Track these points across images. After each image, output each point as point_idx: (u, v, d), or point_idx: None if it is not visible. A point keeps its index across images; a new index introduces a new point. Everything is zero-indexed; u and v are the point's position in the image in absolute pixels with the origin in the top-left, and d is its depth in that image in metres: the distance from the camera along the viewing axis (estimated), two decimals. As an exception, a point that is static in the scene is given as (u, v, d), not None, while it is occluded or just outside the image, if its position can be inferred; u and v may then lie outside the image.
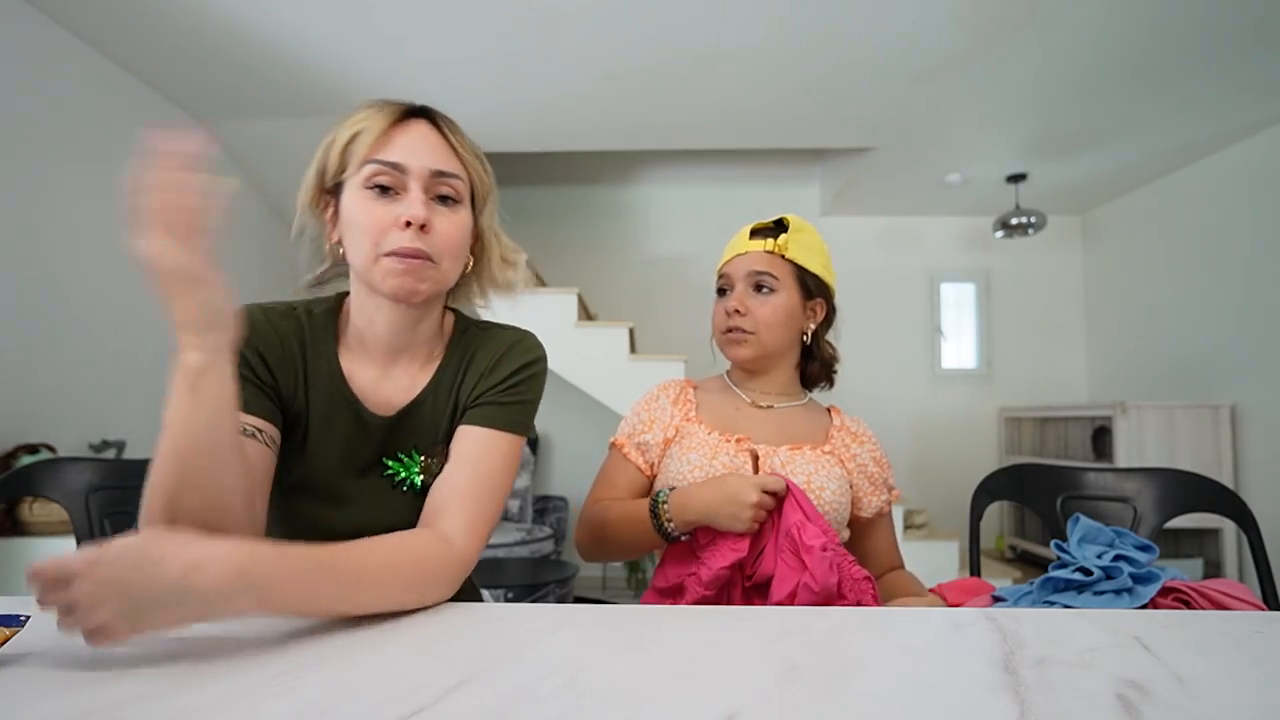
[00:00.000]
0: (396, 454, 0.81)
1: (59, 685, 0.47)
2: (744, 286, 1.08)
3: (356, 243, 0.74)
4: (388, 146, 0.74)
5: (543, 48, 2.56)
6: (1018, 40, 2.44)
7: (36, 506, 2.10)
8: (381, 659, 0.53)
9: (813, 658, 0.54)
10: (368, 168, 0.73)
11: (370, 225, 0.73)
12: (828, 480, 1.01)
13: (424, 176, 0.74)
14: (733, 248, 1.13)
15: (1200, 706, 0.45)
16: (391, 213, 0.73)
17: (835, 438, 1.09)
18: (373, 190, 0.73)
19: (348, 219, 0.75)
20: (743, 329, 1.07)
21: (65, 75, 2.43)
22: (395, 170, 0.73)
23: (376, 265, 0.73)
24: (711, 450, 1.03)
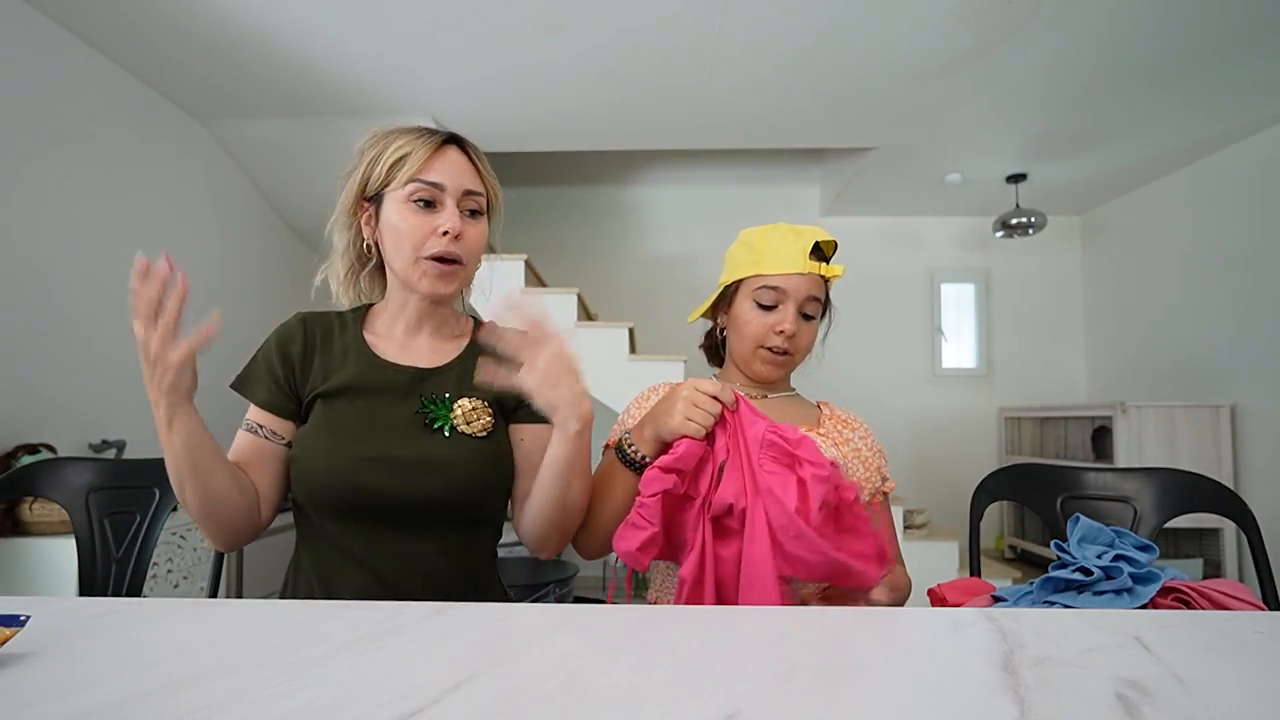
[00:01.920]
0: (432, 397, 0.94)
1: (59, 685, 0.47)
2: (797, 309, 1.05)
3: (399, 246, 0.91)
4: (429, 169, 0.91)
5: (543, 48, 2.56)
6: (1018, 40, 2.44)
7: (36, 506, 2.10)
8: (381, 659, 0.53)
9: (813, 658, 0.54)
10: (412, 185, 0.90)
11: (411, 232, 0.90)
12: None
13: (458, 194, 0.92)
14: (790, 261, 1.05)
15: (1200, 706, 0.45)
16: (431, 223, 0.90)
17: (828, 424, 1.09)
18: (416, 204, 0.90)
19: (391, 225, 0.91)
20: (788, 351, 1.06)
21: (65, 75, 2.43)
22: (436, 189, 0.90)
23: (416, 266, 0.91)
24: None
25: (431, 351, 0.98)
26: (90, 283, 2.50)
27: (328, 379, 0.94)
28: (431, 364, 0.97)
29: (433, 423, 0.92)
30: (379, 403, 0.92)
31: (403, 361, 0.96)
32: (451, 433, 0.92)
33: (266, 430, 0.92)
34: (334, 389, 0.93)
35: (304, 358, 0.95)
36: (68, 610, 0.63)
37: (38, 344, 2.30)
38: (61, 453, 2.30)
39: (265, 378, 0.93)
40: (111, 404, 2.53)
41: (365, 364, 0.95)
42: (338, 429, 0.90)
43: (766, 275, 1.06)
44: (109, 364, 2.51)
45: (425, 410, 0.93)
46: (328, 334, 0.97)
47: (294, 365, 0.94)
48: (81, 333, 2.45)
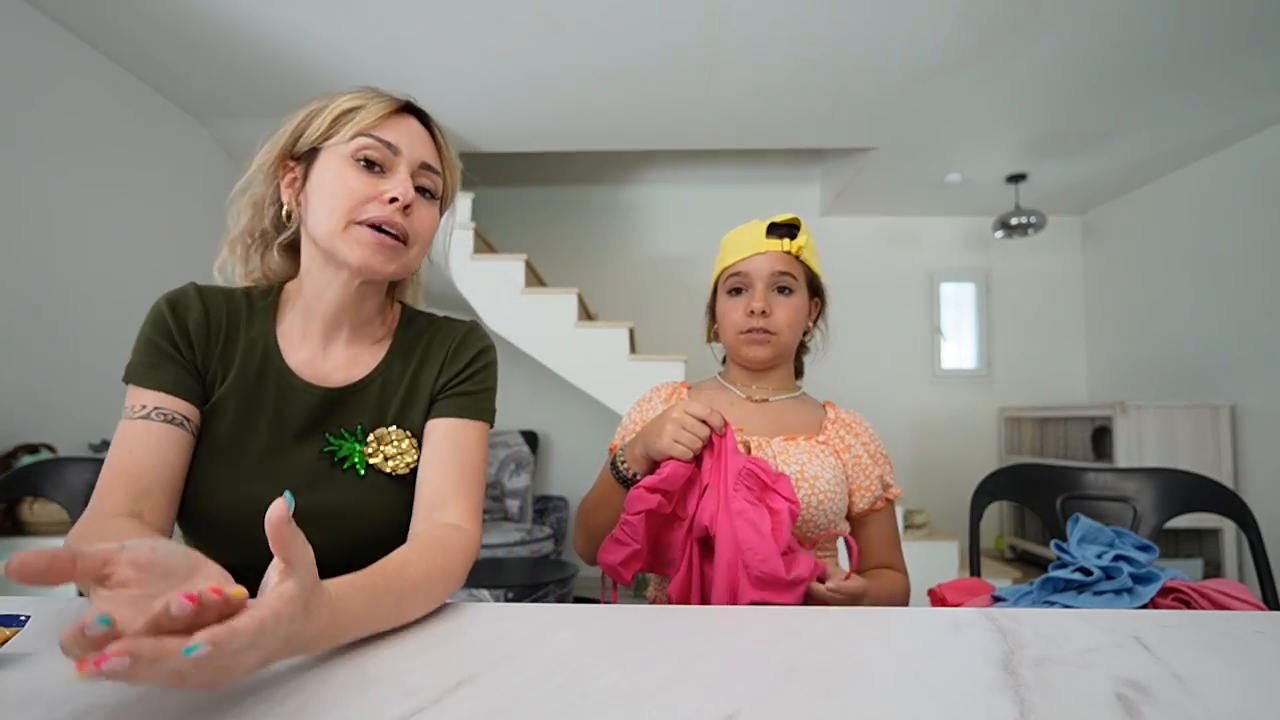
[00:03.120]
0: (340, 430, 0.78)
1: (59, 685, 0.47)
2: (765, 288, 1.06)
3: (327, 208, 0.74)
4: (383, 128, 0.75)
5: (543, 47, 2.56)
6: (1018, 40, 2.44)
7: (36, 506, 2.10)
8: (381, 659, 0.53)
9: (813, 658, 0.54)
10: (360, 140, 0.74)
11: (349, 193, 0.73)
12: (821, 470, 1.00)
13: (413, 164, 0.77)
14: (748, 244, 1.09)
15: (1200, 706, 0.45)
16: (375, 186, 0.74)
17: (830, 429, 1.08)
18: (359, 163, 0.74)
19: (321, 185, 0.75)
20: (766, 330, 1.06)
21: (65, 75, 2.43)
22: (388, 149, 0.75)
23: (346, 232, 0.73)
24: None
25: (348, 362, 0.81)
26: (90, 282, 2.50)
27: (223, 381, 0.76)
28: (347, 379, 0.80)
29: (342, 461, 0.77)
30: (284, 430, 0.76)
31: (312, 378, 0.79)
32: (367, 471, 0.77)
33: (192, 424, 0.74)
34: (231, 401, 0.76)
35: (205, 337, 0.76)
36: (68, 610, 0.63)
37: (38, 344, 2.30)
38: (61, 453, 2.31)
39: (171, 355, 0.74)
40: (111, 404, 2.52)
41: (273, 375, 0.78)
42: (231, 457, 0.74)
43: (731, 265, 1.10)
44: (109, 364, 2.50)
45: (332, 449, 0.77)
46: (233, 320, 0.79)
47: (192, 341, 0.75)
48: (81, 333, 2.45)
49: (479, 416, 0.82)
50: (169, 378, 0.73)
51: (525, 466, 3.75)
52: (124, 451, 0.70)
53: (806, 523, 0.98)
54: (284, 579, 0.45)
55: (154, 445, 0.70)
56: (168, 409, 0.72)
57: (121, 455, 0.69)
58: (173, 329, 0.75)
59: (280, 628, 0.43)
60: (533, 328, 3.20)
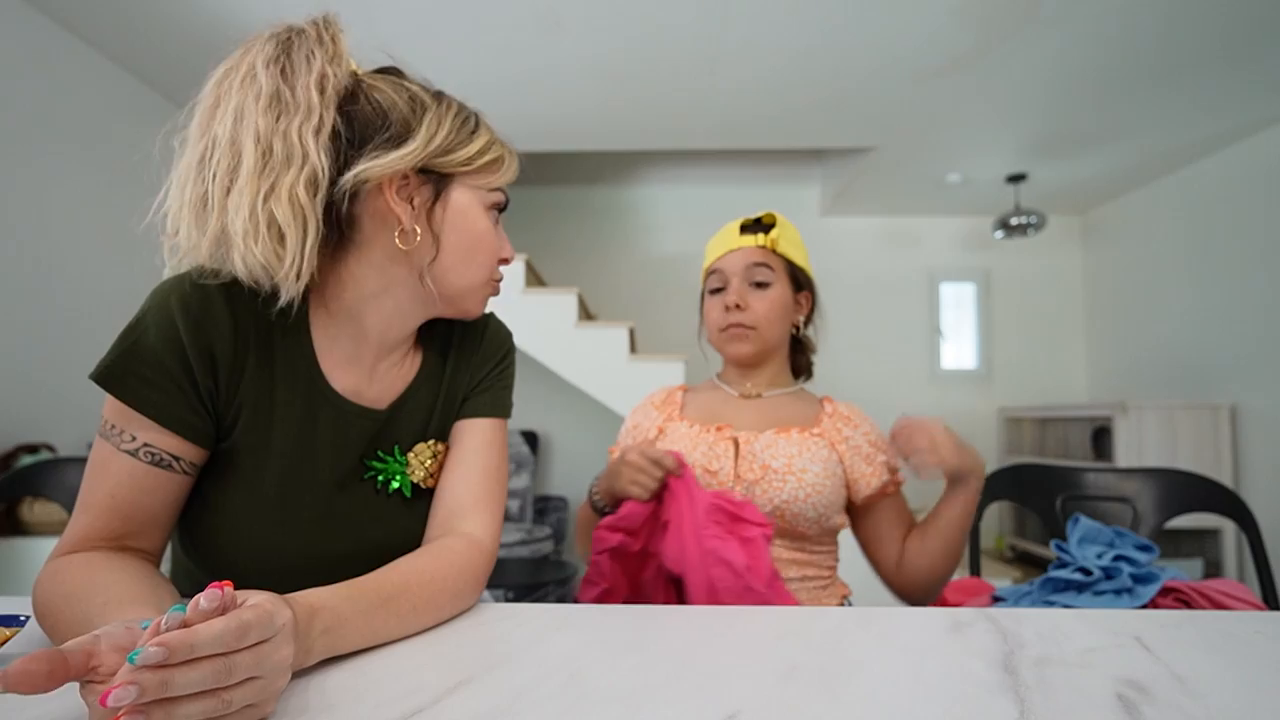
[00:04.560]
0: (377, 453, 0.72)
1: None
2: (740, 282, 1.08)
3: (476, 260, 0.72)
4: (505, 183, 0.76)
5: (543, 47, 2.56)
6: (1018, 40, 2.44)
7: (37, 506, 2.10)
8: (381, 659, 0.53)
9: (813, 658, 0.54)
10: (498, 195, 0.75)
11: (493, 251, 0.74)
12: (811, 462, 0.99)
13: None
14: (722, 243, 1.12)
15: (1200, 706, 0.45)
16: (500, 243, 0.75)
17: (827, 422, 1.07)
18: (493, 214, 0.74)
19: (467, 230, 0.71)
20: (743, 324, 1.06)
21: (65, 75, 2.43)
22: (502, 210, 0.76)
23: (485, 288, 0.75)
24: (693, 442, 1.05)
25: (393, 380, 0.74)
26: (90, 282, 2.50)
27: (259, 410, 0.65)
28: (393, 396, 0.73)
29: (386, 484, 0.72)
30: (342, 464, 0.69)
31: (366, 403, 0.71)
32: (413, 492, 0.73)
33: (185, 463, 0.63)
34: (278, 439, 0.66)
35: (231, 362, 0.64)
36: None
37: (38, 344, 2.30)
38: (61, 453, 2.31)
39: (178, 381, 0.61)
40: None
41: (323, 405, 0.68)
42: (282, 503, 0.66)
43: (709, 265, 1.13)
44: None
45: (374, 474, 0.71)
46: (264, 332, 0.66)
47: (216, 368, 0.63)
48: (81, 333, 2.45)
49: (502, 414, 0.80)
50: (172, 413, 0.61)
51: (525, 466, 3.75)
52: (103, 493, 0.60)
53: (796, 515, 0.98)
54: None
55: (141, 489, 0.61)
56: (158, 448, 0.61)
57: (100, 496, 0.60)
58: (189, 352, 0.61)
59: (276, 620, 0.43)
60: (533, 328, 3.20)
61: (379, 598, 0.56)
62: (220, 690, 0.38)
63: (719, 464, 1.02)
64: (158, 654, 0.35)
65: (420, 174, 0.67)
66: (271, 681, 0.42)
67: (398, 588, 0.58)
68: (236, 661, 0.39)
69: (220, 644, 0.38)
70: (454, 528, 0.71)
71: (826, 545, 1.05)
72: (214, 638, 0.38)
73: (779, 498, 0.98)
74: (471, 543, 0.69)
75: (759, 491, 0.99)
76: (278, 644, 0.42)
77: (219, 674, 0.38)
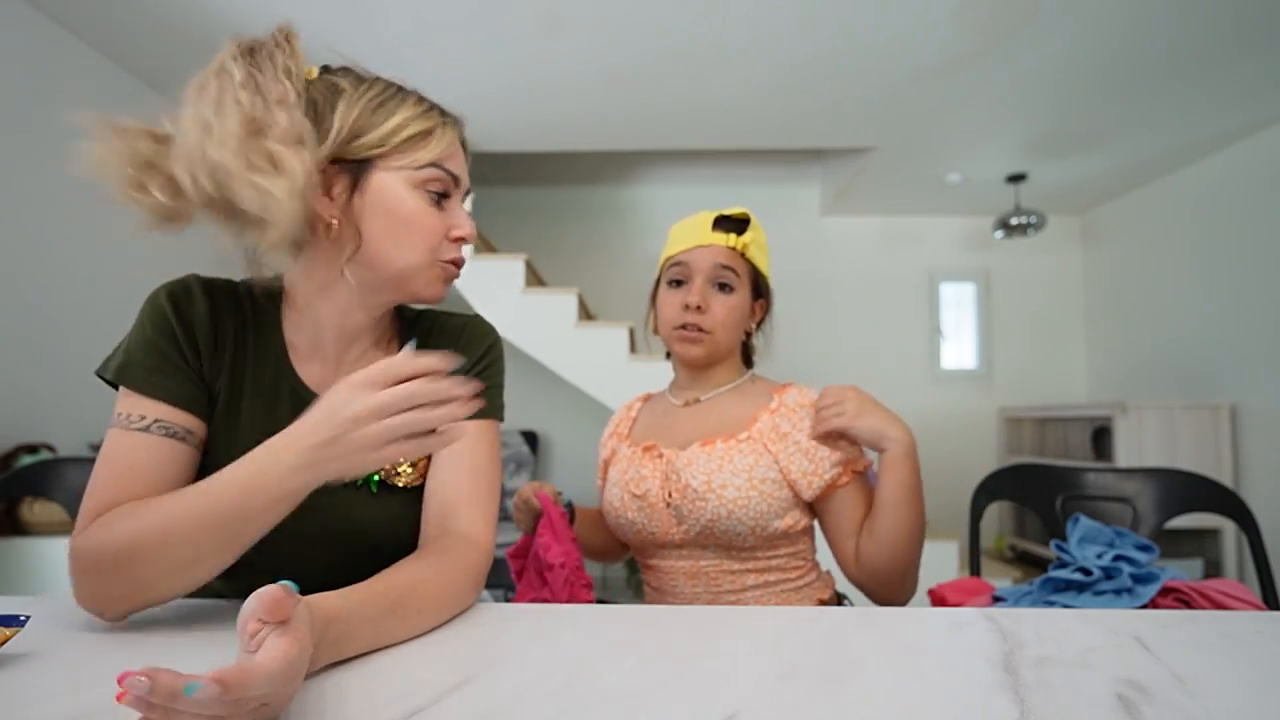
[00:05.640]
0: None
1: (59, 685, 0.47)
2: (704, 281, 1.02)
3: (408, 242, 0.70)
4: (452, 156, 0.73)
5: (543, 48, 2.56)
6: (1018, 40, 2.44)
7: (37, 506, 2.10)
8: (381, 659, 0.53)
9: (813, 658, 0.54)
10: (430, 170, 0.70)
11: (430, 230, 0.71)
12: (731, 476, 0.95)
13: (463, 191, 0.75)
14: (693, 236, 1.05)
15: (1200, 706, 0.45)
16: (445, 222, 0.72)
17: (764, 420, 1.00)
18: (429, 194, 0.71)
19: (391, 212, 0.69)
20: (700, 327, 1.02)
21: (65, 75, 2.43)
22: (453, 182, 0.73)
23: (429, 270, 0.72)
24: (626, 464, 1.05)
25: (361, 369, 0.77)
26: (90, 282, 2.50)
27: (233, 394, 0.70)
28: None
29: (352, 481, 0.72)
30: None
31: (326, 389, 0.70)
32: (379, 488, 0.73)
33: (195, 438, 0.67)
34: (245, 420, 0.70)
35: (212, 344, 0.70)
36: (68, 610, 0.63)
37: (38, 344, 2.30)
38: (61, 453, 2.31)
39: (176, 362, 0.67)
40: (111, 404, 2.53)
41: (288, 393, 0.72)
42: None
43: (673, 255, 1.07)
44: (109, 364, 2.51)
45: None
46: (241, 324, 0.72)
47: (199, 347, 0.69)
48: (81, 333, 2.45)
49: (489, 415, 0.78)
50: (174, 388, 0.66)
51: (525, 466, 3.75)
52: (122, 466, 0.62)
53: (727, 532, 0.94)
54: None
55: (157, 461, 0.64)
56: (170, 422, 0.65)
57: (119, 470, 0.62)
58: (177, 332, 0.68)
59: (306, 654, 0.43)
60: (533, 328, 3.20)
61: (387, 604, 0.56)
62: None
63: (645, 486, 1.00)
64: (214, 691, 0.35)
65: (335, 164, 0.68)
66: (275, 708, 0.41)
67: (404, 592, 0.58)
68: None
69: (269, 687, 0.38)
70: (449, 528, 0.71)
71: (783, 548, 0.99)
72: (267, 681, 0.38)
73: (704, 517, 0.94)
74: (469, 542, 0.69)
75: (685, 512, 0.96)
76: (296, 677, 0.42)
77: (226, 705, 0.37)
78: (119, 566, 0.56)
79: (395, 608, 0.56)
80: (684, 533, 0.97)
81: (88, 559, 0.56)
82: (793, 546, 1.00)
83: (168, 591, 0.58)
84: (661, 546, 1.01)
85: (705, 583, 0.98)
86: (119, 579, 0.56)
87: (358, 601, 0.54)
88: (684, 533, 0.97)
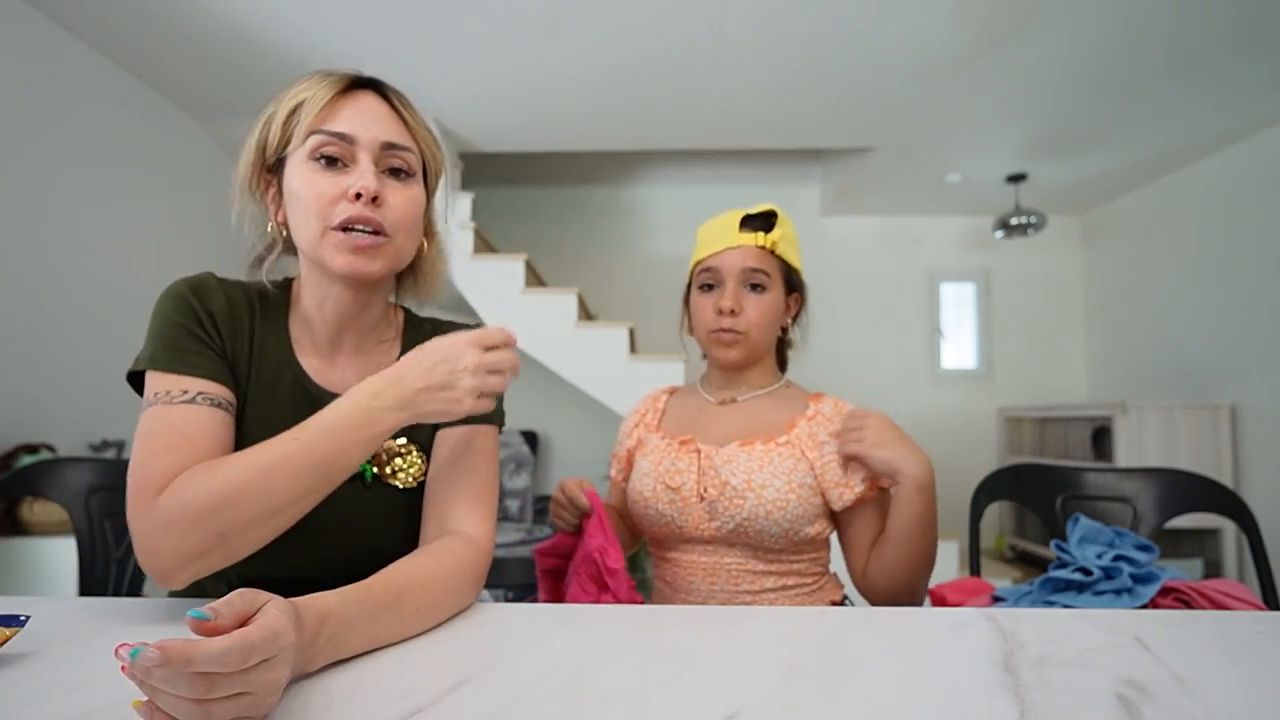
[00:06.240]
0: None
1: (59, 685, 0.47)
2: (736, 284, 1.03)
3: (302, 218, 0.69)
4: (334, 117, 0.69)
5: (542, 48, 2.56)
6: (1018, 40, 2.44)
7: (37, 506, 2.10)
8: (381, 659, 0.53)
9: (813, 658, 0.54)
10: (312, 139, 0.69)
11: (316, 198, 0.68)
12: (772, 477, 0.96)
13: (374, 148, 0.70)
14: (720, 239, 1.05)
15: (1200, 706, 0.45)
16: (339, 184, 0.68)
17: (802, 426, 1.01)
18: (318, 162, 0.69)
19: (292, 194, 0.70)
20: (735, 330, 1.02)
21: (66, 76, 2.43)
22: (342, 141, 0.69)
23: (324, 240, 0.68)
24: (660, 455, 1.04)
25: (358, 370, 0.77)
26: (90, 282, 2.50)
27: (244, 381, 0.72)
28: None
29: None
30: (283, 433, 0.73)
31: (327, 385, 0.75)
32: (373, 481, 0.74)
33: (233, 409, 0.69)
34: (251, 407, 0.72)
35: (231, 330, 0.72)
36: (68, 610, 0.63)
37: (38, 344, 2.30)
38: (61, 453, 2.31)
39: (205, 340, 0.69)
40: (111, 404, 2.53)
41: (289, 380, 0.74)
42: None
43: (703, 259, 1.07)
44: (109, 364, 2.51)
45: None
46: (252, 316, 0.75)
47: (220, 330, 0.71)
48: (81, 333, 2.45)
49: (490, 420, 0.79)
50: (207, 365, 0.67)
51: (525, 466, 3.75)
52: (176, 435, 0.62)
53: (760, 532, 0.95)
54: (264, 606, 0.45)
55: (210, 428, 0.64)
56: (212, 394, 0.66)
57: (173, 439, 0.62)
58: (201, 315, 0.70)
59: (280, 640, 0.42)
60: (533, 328, 3.20)
61: (384, 601, 0.56)
62: (202, 701, 0.38)
63: (681, 479, 1.00)
64: (154, 658, 0.36)
65: (268, 172, 0.73)
66: (261, 699, 0.41)
67: (401, 590, 0.58)
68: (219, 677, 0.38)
69: (219, 664, 0.38)
70: (449, 528, 0.71)
71: (805, 554, 1.00)
72: (213, 657, 0.38)
73: (739, 515, 0.95)
74: (468, 541, 0.69)
75: (720, 508, 0.96)
76: (275, 664, 0.42)
77: (195, 687, 0.37)
78: (210, 517, 0.58)
79: (393, 605, 0.57)
80: (715, 529, 0.98)
81: (174, 514, 0.58)
82: (815, 553, 1.02)
83: (250, 542, 0.60)
84: (687, 541, 1.01)
85: (725, 581, 0.98)
86: (206, 530, 0.58)
87: (353, 599, 0.54)
88: (715, 529, 0.98)
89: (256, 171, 0.73)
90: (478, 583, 0.68)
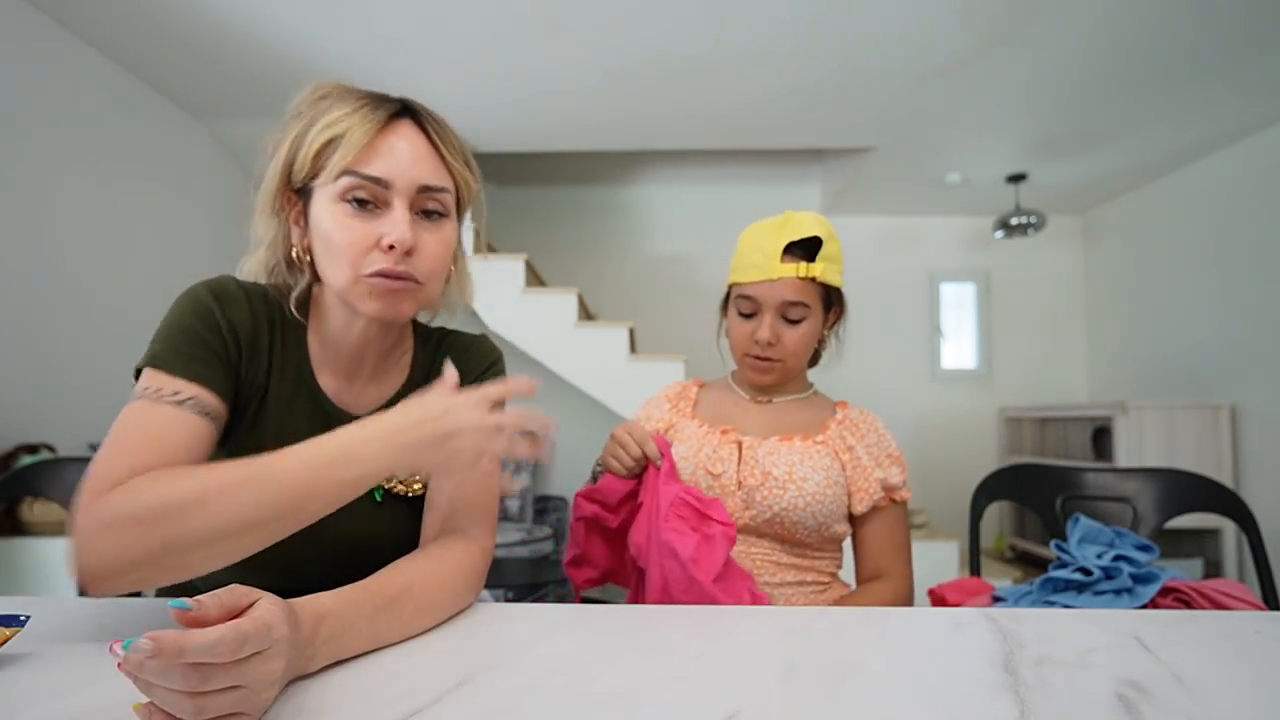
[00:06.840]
0: None
1: (59, 685, 0.47)
2: (775, 316, 1.03)
3: (333, 261, 0.68)
4: (370, 157, 0.66)
5: (542, 48, 2.56)
6: (1018, 40, 2.44)
7: (36, 506, 2.10)
8: (381, 659, 0.53)
9: (813, 658, 0.54)
10: (345, 179, 0.66)
11: (349, 246, 0.66)
12: (812, 471, 0.99)
13: (409, 192, 0.68)
14: (761, 268, 1.02)
15: (1200, 706, 0.45)
16: (373, 233, 0.66)
17: (833, 429, 1.06)
18: (350, 204, 0.67)
19: (321, 233, 0.68)
20: (770, 359, 1.04)
21: (65, 75, 2.43)
22: (377, 185, 0.66)
23: (356, 286, 0.68)
24: (699, 442, 1.05)
25: (376, 388, 0.78)
26: (90, 282, 2.50)
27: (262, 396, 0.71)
28: (375, 402, 0.77)
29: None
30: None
31: (344, 405, 0.75)
32: (383, 496, 0.74)
33: (220, 425, 0.66)
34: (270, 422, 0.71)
35: (251, 344, 0.70)
36: (68, 610, 0.63)
37: (38, 344, 2.30)
38: (61, 453, 2.31)
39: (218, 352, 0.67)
40: (111, 404, 2.52)
41: (307, 398, 0.74)
42: None
43: (742, 284, 1.05)
44: (109, 364, 2.51)
45: None
46: (274, 329, 0.73)
47: (240, 344, 0.69)
48: (81, 333, 2.45)
49: None
50: (211, 375, 0.65)
51: (525, 466, 3.75)
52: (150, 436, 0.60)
53: (795, 524, 0.98)
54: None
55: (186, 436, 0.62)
56: (205, 402, 0.64)
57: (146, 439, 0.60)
58: (221, 325, 0.67)
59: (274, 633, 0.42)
60: (533, 328, 3.20)
61: (383, 601, 0.56)
62: (195, 694, 0.38)
63: (722, 467, 1.02)
64: (146, 648, 0.36)
65: (295, 194, 0.71)
66: (255, 693, 0.41)
67: (401, 590, 0.58)
68: (213, 670, 0.38)
69: (211, 654, 0.38)
70: (450, 529, 0.71)
71: (828, 551, 1.05)
72: (205, 646, 0.38)
73: (778, 505, 0.98)
74: (468, 542, 0.70)
75: (759, 497, 0.99)
76: (268, 657, 0.42)
77: (189, 680, 0.37)
78: (153, 523, 0.53)
79: (391, 605, 0.56)
80: (750, 517, 1.00)
81: (118, 513, 0.53)
82: (835, 553, 1.06)
83: (196, 561, 0.55)
84: None
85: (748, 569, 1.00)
86: (148, 537, 0.53)
87: (351, 600, 0.54)
88: (750, 517, 1.00)
89: (281, 192, 0.71)
90: (477, 583, 0.68)
